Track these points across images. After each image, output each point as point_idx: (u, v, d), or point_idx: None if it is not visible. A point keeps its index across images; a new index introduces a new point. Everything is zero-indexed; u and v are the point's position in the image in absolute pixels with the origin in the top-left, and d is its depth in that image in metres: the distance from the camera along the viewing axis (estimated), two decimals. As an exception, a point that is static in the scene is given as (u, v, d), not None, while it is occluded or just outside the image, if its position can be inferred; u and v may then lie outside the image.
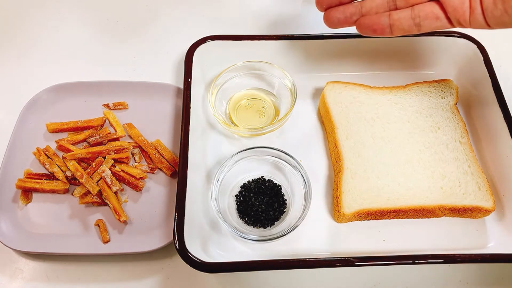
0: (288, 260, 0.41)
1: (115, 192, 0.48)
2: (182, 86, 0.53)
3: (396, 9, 0.40)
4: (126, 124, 0.54)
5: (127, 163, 0.51)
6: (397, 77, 0.57)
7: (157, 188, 0.49)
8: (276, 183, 0.48)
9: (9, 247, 0.44)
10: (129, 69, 0.61)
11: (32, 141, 0.52)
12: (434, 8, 0.38)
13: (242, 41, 0.54)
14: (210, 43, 0.54)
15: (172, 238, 0.42)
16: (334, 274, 0.45)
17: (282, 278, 0.45)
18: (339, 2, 0.42)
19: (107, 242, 0.45)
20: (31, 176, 0.49)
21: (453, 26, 0.39)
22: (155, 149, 0.51)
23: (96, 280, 0.45)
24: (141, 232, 0.46)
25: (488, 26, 0.37)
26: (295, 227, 0.43)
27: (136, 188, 0.49)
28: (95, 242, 0.45)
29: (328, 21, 0.43)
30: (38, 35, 0.64)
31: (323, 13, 0.44)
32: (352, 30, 0.58)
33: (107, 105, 0.55)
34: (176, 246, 0.40)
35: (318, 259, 0.40)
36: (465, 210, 0.45)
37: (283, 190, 0.48)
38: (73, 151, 0.50)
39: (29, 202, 0.48)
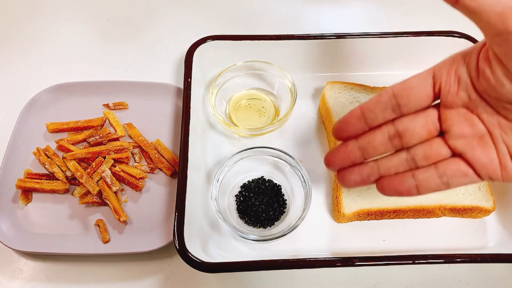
0: (288, 260, 0.41)
1: (115, 192, 0.48)
2: (182, 86, 0.53)
3: (417, 167, 0.37)
4: (126, 124, 0.54)
5: (127, 163, 0.51)
6: (397, 77, 0.56)
7: (157, 188, 0.49)
8: (276, 183, 0.48)
9: (9, 247, 0.44)
10: (129, 69, 0.61)
11: (32, 141, 0.52)
12: (460, 165, 0.35)
13: (242, 41, 0.54)
14: (210, 43, 0.54)
15: (172, 238, 0.42)
16: (334, 274, 0.45)
17: (282, 278, 0.45)
18: (352, 163, 0.38)
19: (107, 242, 0.45)
20: (31, 176, 0.49)
21: (484, 180, 0.35)
22: (155, 149, 0.51)
23: (96, 280, 0.45)
24: (141, 232, 0.46)
25: None
26: (295, 227, 0.43)
27: (136, 188, 0.49)
28: (95, 242, 0.45)
29: (344, 183, 0.39)
30: (38, 35, 0.64)
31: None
32: (352, 30, 0.58)
33: (107, 105, 0.55)
34: (176, 246, 0.40)
35: (318, 259, 0.40)
36: (465, 210, 0.45)
37: (283, 190, 0.48)
38: (73, 151, 0.50)
39: (29, 202, 0.48)
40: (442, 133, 0.36)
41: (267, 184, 0.48)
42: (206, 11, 0.67)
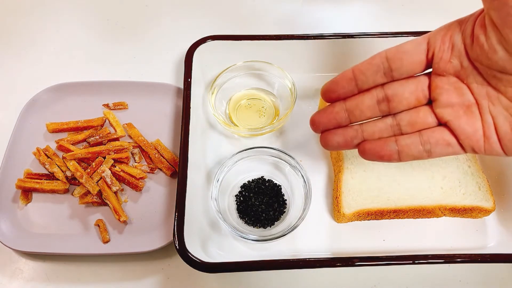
0: (288, 260, 0.41)
1: (115, 192, 0.48)
2: (182, 86, 0.53)
3: (401, 133, 0.37)
4: (126, 124, 0.54)
5: (127, 163, 0.51)
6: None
7: (157, 188, 0.49)
8: (276, 183, 0.48)
9: (9, 247, 0.44)
10: (129, 69, 0.61)
11: (32, 141, 0.52)
12: (445, 134, 0.35)
13: (242, 41, 0.54)
14: (210, 43, 0.54)
15: (172, 238, 0.42)
16: (334, 274, 0.45)
17: (282, 278, 0.45)
18: (337, 125, 0.38)
19: (107, 242, 0.45)
20: (31, 176, 0.49)
21: (466, 152, 0.35)
22: (155, 149, 0.51)
23: (96, 280, 0.45)
24: (141, 232, 0.46)
25: (506, 154, 0.34)
26: (295, 227, 0.43)
27: (136, 188, 0.49)
28: (95, 242, 0.45)
29: (327, 144, 0.39)
30: (38, 35, 0.64)
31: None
32: (352, 30, 0.58)
33: (107, 105, 0.55)
34: (176, 246, 0.40)
35: (318, 259, 0.40)
36: (465, 210, 0.45)
37: (283, 190, 0.48)
38: (73, 151, 0.50)
39: (29, 202, 0.48)
40: (430, 102, 0.36)
41: (267, 184, 0.48)
42: (206, 11, 0.67)
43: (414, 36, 0.54)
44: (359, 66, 0.37)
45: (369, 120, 0.38)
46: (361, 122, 0.38)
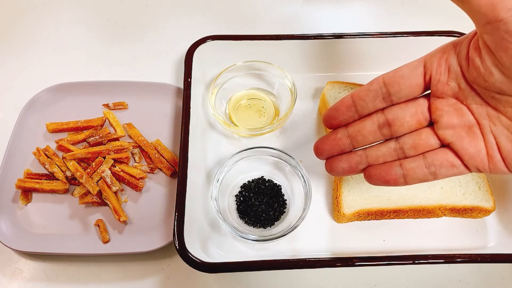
0: (288, 260, 0.41)
1: (115, 192, 0.48)
2: (182, 86, 0.53)
3: (406, 157, 0.36)
4: (126, 124, 0.54)
5: (127, 163, 0.51)
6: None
7: (157, 188, 0.49)
8: (276, 183, 0.48)
9: (9, 247, 0.44)
10: (129, 69, 0.61)
11: (32, 141, 0.52)
12: (448, 155, 0.35)
13: (242, 41, 0.54)
14: (210, 43, 0.54)
15: (172, 238, 0.42)
16: (334, 274, 0.45)
17: (282, 278, 0.45)
18: (341, 151, 0.39)
19: (107, 242, 0.45)
20: (31, 176, 0.49)
21: (471, 171, 0.35)
22: (155, 149, 0.51)
23: (96, 280, 0.45)
24: (141, 232, 0.46)
25: (511, 172, 0.34)
26: (295, 227, 0.43)
27: (136, 188, 0.49)
28: (95, 242, 0.45)
29: (332, 170, 0.39)
30: (38, 35, 0.64)
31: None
32: (352, 30, 0.58)
33: (107, 105, 0.55)
34: (176, 246, 0.40)
35: (318, 259, 0.40)
36: (465, 210, 0.45)
37: (283, 190, 0.48)
38: (73, 151, 0.50)
39: (29, 202, 0.48)
40: (431, 124, 0.36)
41: (267, 184, 0.48)
42: (206, 11, 0.67)
43: (414, 36, 0.54)
44: (357, 92, 0.37)
45: (372, 144, 0.38)
46: (364, 147, 0.38)
